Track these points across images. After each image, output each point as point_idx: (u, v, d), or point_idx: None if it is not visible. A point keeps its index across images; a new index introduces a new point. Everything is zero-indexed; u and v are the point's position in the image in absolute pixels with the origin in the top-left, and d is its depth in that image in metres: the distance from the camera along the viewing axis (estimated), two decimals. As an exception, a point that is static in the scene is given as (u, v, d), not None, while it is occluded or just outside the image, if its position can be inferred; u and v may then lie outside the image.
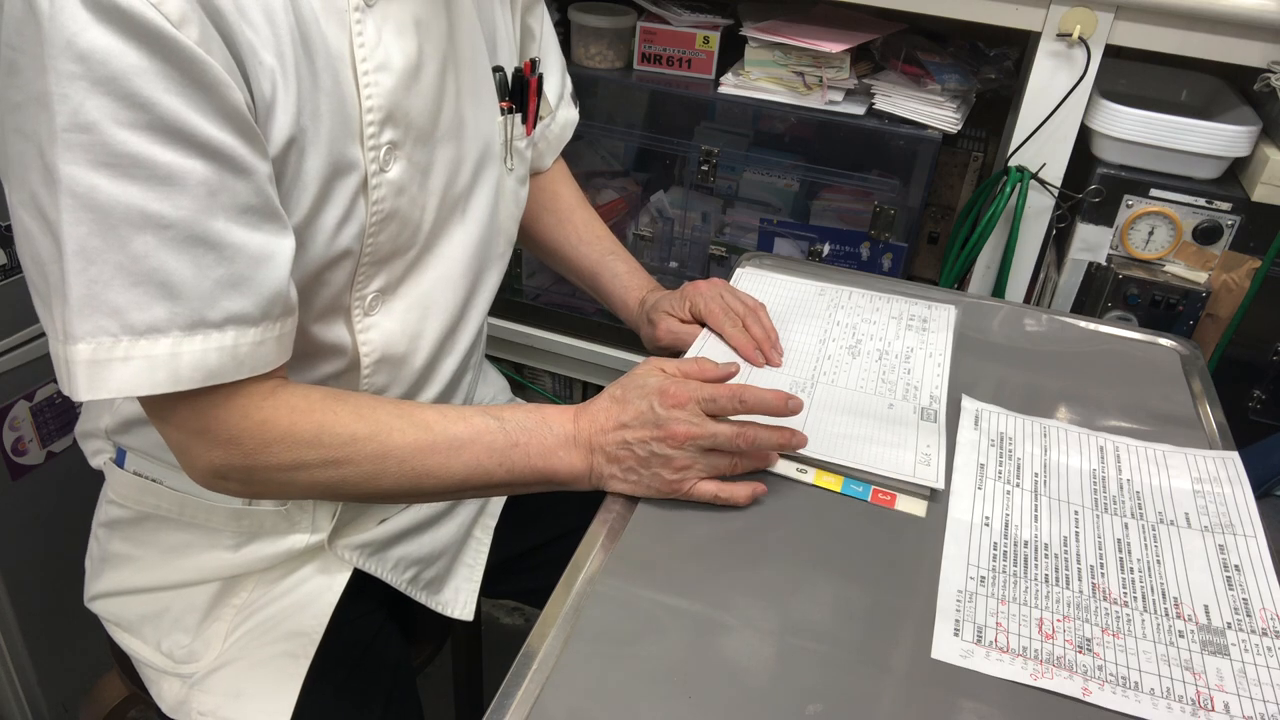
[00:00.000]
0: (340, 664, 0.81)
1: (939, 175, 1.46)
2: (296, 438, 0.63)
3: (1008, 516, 0.74)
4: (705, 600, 0.65)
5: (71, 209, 0.53)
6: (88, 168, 0.53)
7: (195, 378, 0.58)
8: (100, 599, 0.85)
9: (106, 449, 0.83)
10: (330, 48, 0.63)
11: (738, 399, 0.71)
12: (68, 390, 0.58)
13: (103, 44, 0.51)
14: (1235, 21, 1.04)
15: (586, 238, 1.01)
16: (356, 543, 0.82)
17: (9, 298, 1.10)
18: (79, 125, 0.52)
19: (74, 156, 0.52)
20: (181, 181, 0.55)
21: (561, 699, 0.57)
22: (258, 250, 0.59)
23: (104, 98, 0.52)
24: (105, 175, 0.53)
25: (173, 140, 0.54)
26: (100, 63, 0.51)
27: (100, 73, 0.51)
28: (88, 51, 0.51)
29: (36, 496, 1.20)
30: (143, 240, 0.55)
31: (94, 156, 0.53)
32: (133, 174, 0.54)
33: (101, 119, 0.52)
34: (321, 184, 0.64)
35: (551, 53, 0.93)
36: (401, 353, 0.76)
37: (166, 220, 0.55)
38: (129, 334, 0.56)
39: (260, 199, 0.59)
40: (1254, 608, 0.66)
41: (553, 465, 0.70)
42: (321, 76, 0.62)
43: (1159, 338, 1.00)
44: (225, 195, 0.57)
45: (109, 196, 0.53)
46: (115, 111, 0.52)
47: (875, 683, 0.60)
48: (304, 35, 0.61)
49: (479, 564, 0.95)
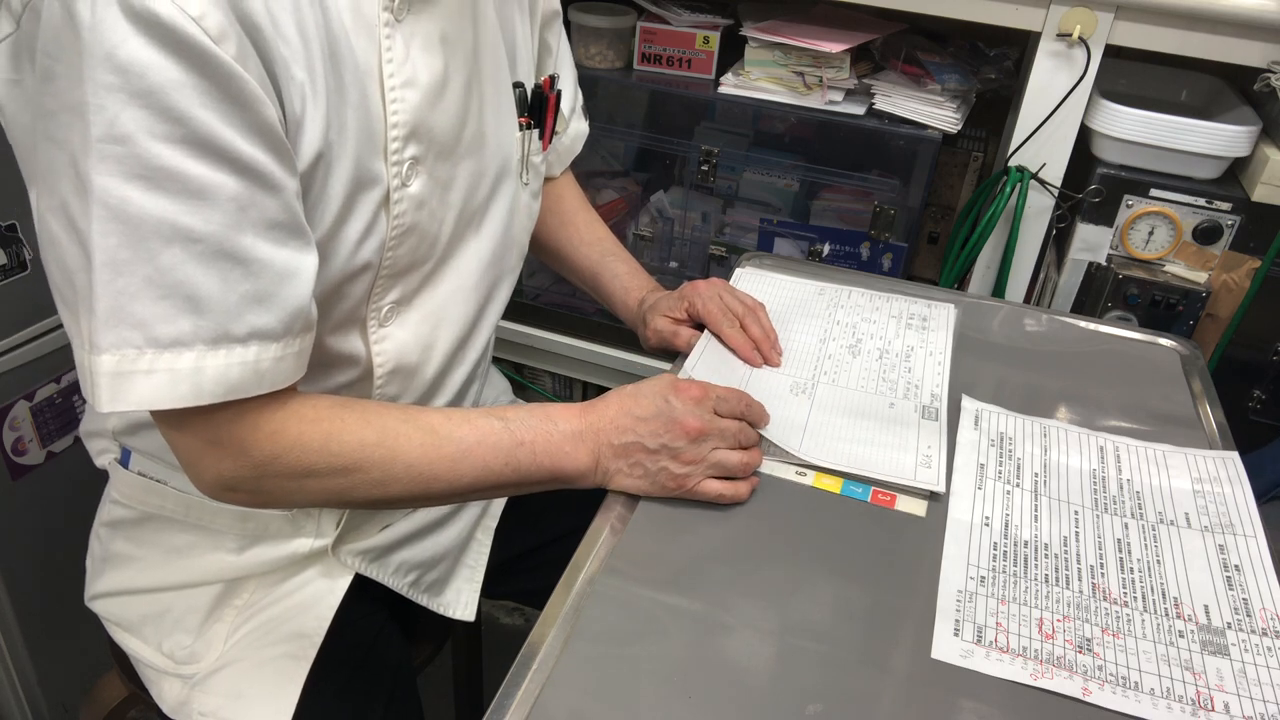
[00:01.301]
0: (341, 665, 0.81)
1: (939, 175, 1.46)
2: (305, 446, 0.63)
3: (1008, 516, 0.74)
4: (705, 600, 0.65)
5: (102, 219, 0.53)
6: (120, 179, 0.53)
7: (217, 392, 0.58)
8: (101, 599, 0.85)
9: (112, 449, 0.83)
10: (359, 62, 0.63)
11: (744, 401, 0.75)
12: (90, 399, 0.58)
13: (143, 57, 0.51)
14: (1235, 21, 1.04)
15: (588, 239, 1.01)
16: (359, 548, 0.82)
17: (9, 298, 1.10)
18: (114, 137, 0.52)
19: (107, 168, 0.53)
20: (213, 196, 0.55)
21: (561, 699, 0.57)
22: (283, 266, 0.59)
23: (140, 110, 0.52)
24: (138, 187, 0.53)
25: (206, 155, 0.54)
26: (139, 75, 0.51)
27: (138, 85, 0.51)
28: (127, 64, 0.51)
29: (36, 496, 1.20)
30: (171, 253, 0.55)
31: (127, 168, 0.53)
32: (165, 187, 0.54)
33: (137, 131, 0.52)
34: (345, 198, 0.64)
35: (566, 67, 0.94)
36: (414, 363, 0.76)
37: (196, 234, 0.55)
38: (153, 347, 0.56)
39: (287, 215, 0.59)
40: (1254, 608, 0.66)
41: (559, 462, 0.71)
42: (349, 91, 0.63)
43: (1159, 338, 1.00)
44: (254, 211, 0.57)
45: (140, 209, 0.54)
46: (151, 124, 0.52)
47: (875, 683, 0.60)
48: (333, 50, 0.61)
49: (480, 565, 0.95)
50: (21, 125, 0.58)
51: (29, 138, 0.57)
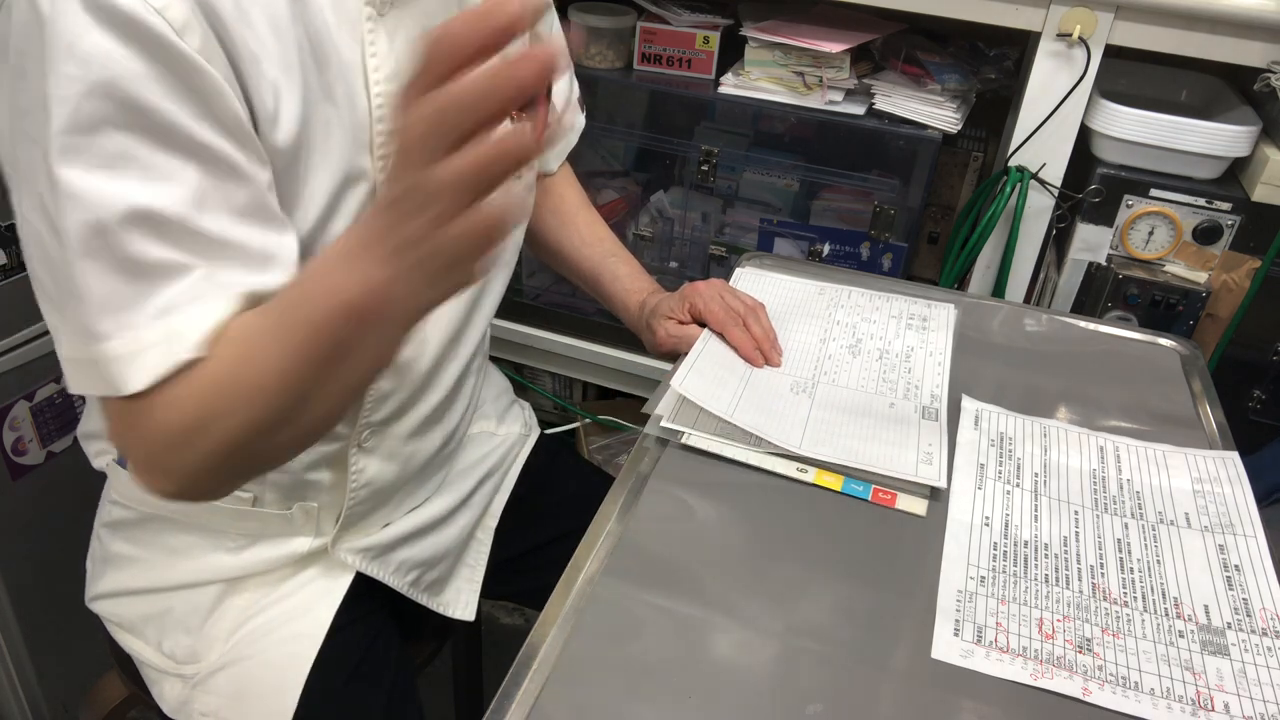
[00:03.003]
0: (342, 664, 0.81)
1: (939, 175, 1.46)
2: None
3: (1008, 516, 0.74)
4: (705, 600, 0.65)
5: (71, 210, 0.53)
6: (84, 169, 0.52)
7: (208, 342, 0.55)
8: (102, 599, 0.85)
9: (110, 450, 0.83)
10: (343, 58, 0.63)
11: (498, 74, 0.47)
12: (106, 389, 0.56)
13: (104, 48, 0.51)
14: (1235, 21, 1.04)
15: (589, 239, 1.01)
16: (359, 547, 0.82)
17: (9, 298, 1.10)
18: (78, 127, 0.52)
19: (71, 159, 0.52)
20: (180, 180, 0.55)
21: (561, 699, 0.57)
22: (261, 245, 0.59)
23: (102, 100, 0.52)
24: (103, 176, 0.53)
25: (169, 144, 0.54)
26: (100, 66, 0.51)
27: (100, 75, 0.51)
28: (88, 55, 0.51)
29: (36, 496, 1.20)
30: (141, 235, 0.54)
31: (92, 158, 0.52)
32: (130, 173, 0.53)
33: (100, 122, 0.52)
34: (331, 194, 0.64)
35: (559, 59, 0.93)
36: (407, 357, 0.76)
37: (165, 216, 0.54)
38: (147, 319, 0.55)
39: (257, 204, 0.59)
40: (1254, 608, 0.66)
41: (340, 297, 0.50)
42: (334, 88, 0.62)
43: (1159, 338, 1.00)
44: (220, 196, 0.56)
45: (107, 195, 0.53)
46: (113, 114, 0.52)
47: (875, 683, 0.60)
48: (317, 47, 0.61)
49: (480, 565, 0.95)
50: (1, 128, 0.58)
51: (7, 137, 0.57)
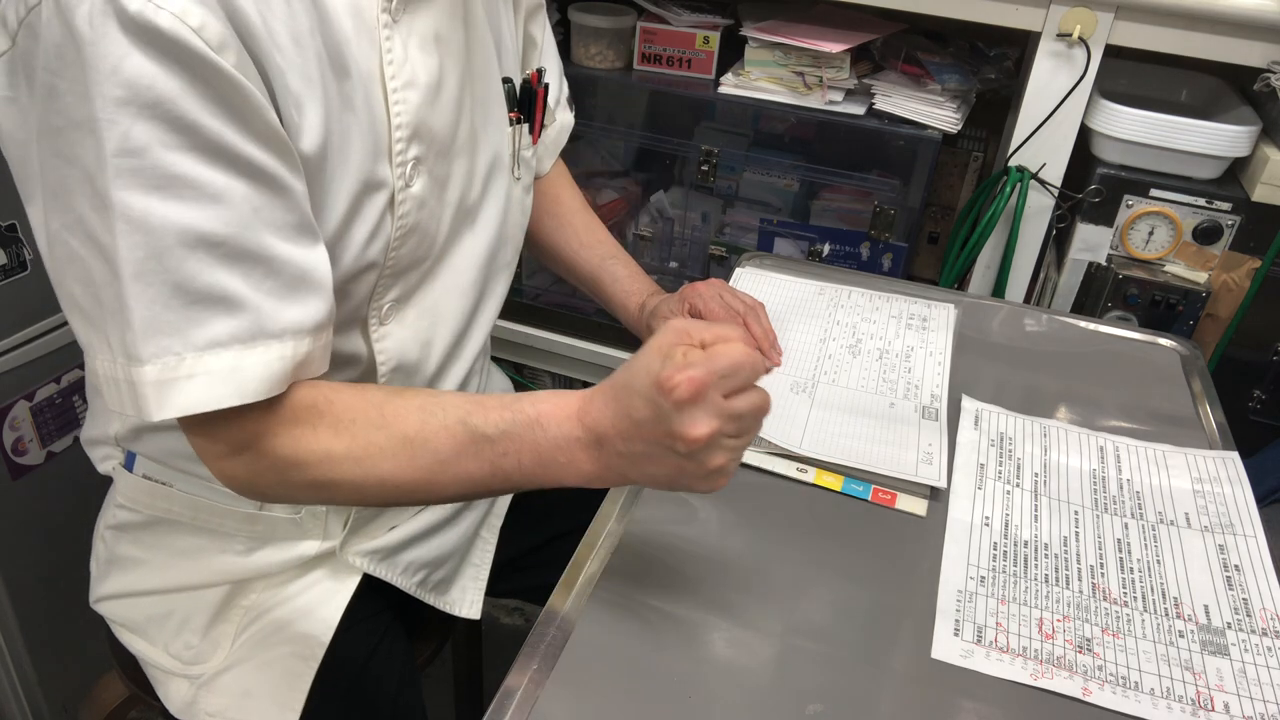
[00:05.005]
0: (348, 665, 0.81)
1: (939, 175, 1.46)
2: (281, 455, 0.62)
3: (1008, 516, 0.74)
4: (706, 600, 0.65)
5: (126, 233, 0.54)
6: (140, 192, 0.54)
7: (260, 390, 0.58)
8: (107, 600, 0.85)
9: (115, 455, 0.83)
10: (362, 68, 0.63)
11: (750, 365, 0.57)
12: (134, 410, 0.58)
13: (147, 70, 0.52)
14: (1235, 21, 1.04)
15: (587, 241, 1.01)
16: (367, 549, 0.82)
17: (9, 298, 1.10)
18: (129, 150, 0.53)
19: (125, 181, 0.53)
20: (229, 199, 0.56)
21: (561, 699, 0.57)
22: (302, 262, 0.60)
23: (151, 122, 0.53)
24: (156, 198, 0.54)
25: (218, 161, 0.55)
26: (146, 88, 0.52)
27: (146, 98, 0.52)
28: (133, 77, 0.52)
29: (36, 496, 1.20)
30: (197, 259, 0.56)
31: (144, 180, 0.53)
32: (183, 195, 0.54)
33: (150, 143, 0.53)
34: (351, 202, 0.65)
35: (551, 59, 0.94)
36: (414, 360, 0.77)
37: (218, 238, 0.56)
38: (192, 351, 0.57)
39: (298, 215, 0.60)
40: (1254, 608, 0.66)
41: (555, 472, 0.61)
42: (354, 97, 0.63)
43: (1159, 338, 1.00)
44: (268, 211, 0.58)
45: (162, 218, 0.54)
46: (163, 135, 0.53)
47: (875, 683, 0.60)
48: (335, 58, 0.62)
49: (485, 564, 0.95)
50: (17, 141, 0.58)
51: (24, 152, 0.58)
